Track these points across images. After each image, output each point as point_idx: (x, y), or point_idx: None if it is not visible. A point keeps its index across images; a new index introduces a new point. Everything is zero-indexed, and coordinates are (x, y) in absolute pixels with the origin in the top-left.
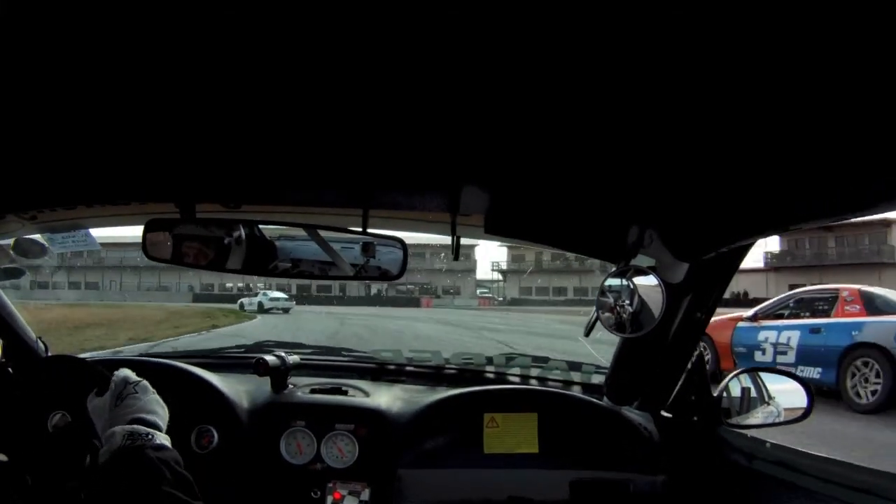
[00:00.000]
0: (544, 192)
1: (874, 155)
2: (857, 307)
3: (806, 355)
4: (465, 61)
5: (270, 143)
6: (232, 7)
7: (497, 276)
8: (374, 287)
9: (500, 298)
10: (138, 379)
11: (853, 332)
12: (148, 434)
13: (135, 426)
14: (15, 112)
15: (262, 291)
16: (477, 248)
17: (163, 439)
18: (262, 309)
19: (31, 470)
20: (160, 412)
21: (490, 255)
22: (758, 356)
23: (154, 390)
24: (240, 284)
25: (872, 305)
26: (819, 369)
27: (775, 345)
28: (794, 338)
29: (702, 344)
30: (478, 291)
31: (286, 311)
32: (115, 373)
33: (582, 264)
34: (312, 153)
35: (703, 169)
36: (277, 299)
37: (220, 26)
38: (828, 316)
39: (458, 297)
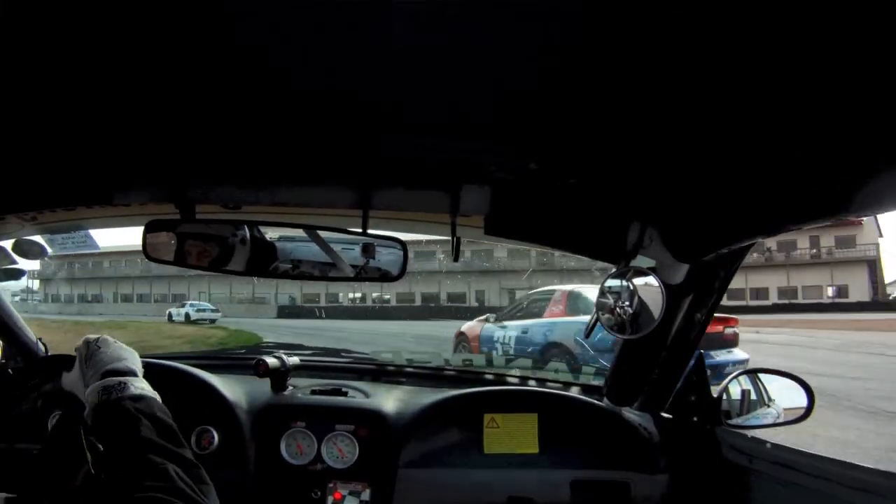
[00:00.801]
0: (544, 192)
1: (871, 155)
2: (560, 308)
3: (519, 355)
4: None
5: (270, 144)
6: (231, 7)
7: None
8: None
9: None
10: (97, 335)
11: (546, 333)
12: (120, 383)
13: (106, 379)
14: (16, 113)
15: (188, 303)
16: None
17: (138, 385)
18: (188, 320)
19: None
20: (129, 357)
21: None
22: (494, 355)
23: (116, 339)
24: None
25: (574, 306)
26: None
27: (503, 344)
28: (512, 338)
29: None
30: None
31: (213, 321)
32: (78, 344)
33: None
34: (312, 154)
35: (703, 170)
36: (204, 310)
37: (219, 27)
38: (539, 317)
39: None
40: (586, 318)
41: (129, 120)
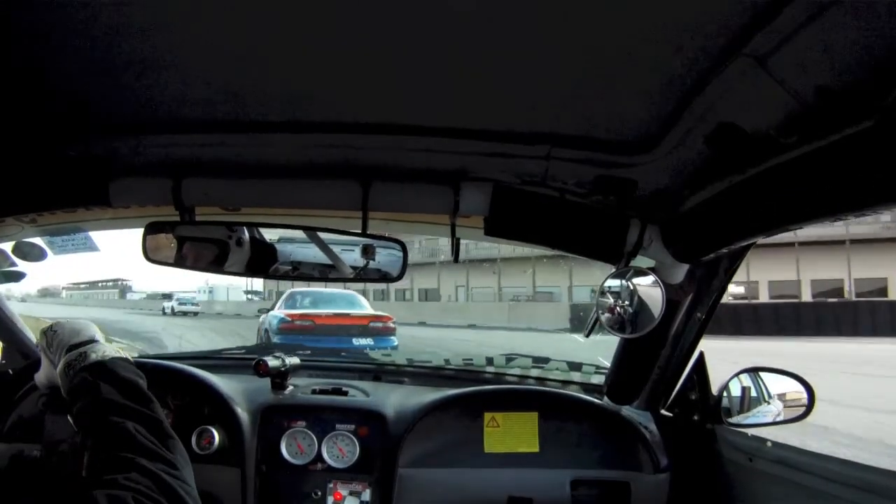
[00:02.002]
0: (544, 192)
1: (871, 154)
2: None
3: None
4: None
5: (269, 146)
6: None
7: None
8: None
9: None
10: (51, 323)
11: None
12: (81, 354)
13: (67, 356)
14: (15, 115)
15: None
16: None
17: (98, 350)
18: (173, 312)
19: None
20: (84, 327)
21: None
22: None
23: (67, 320)
24: None
25: None
26: None
27: None
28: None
29: None
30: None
31: (195, 314)
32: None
33: None
34: (311, 155)
35: (703, 170)
36: (186, 303)
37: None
38: None
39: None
40: None
41: (128, 120)
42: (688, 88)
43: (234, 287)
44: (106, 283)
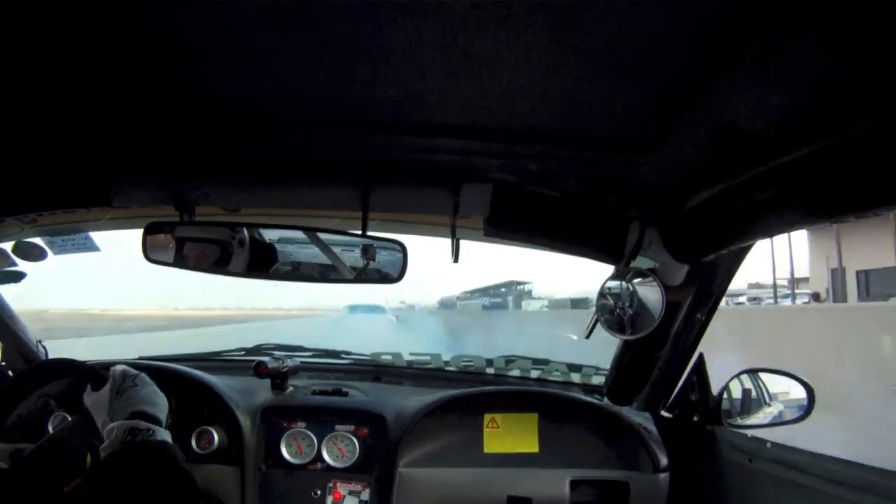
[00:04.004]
0: (544, 193)
1: (872, 155)
2: None
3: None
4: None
5: (269, 146)
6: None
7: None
8: None
9: None
10: (136, 372)
11: None
12: (149, 430)
13: (136, 421)
14: (15, 115)
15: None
16: None
17: (164, 434)
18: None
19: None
20: (160, 403)
21: None
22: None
23: (152, 381)
24: None
25: None
26: None
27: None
28: None
29: None
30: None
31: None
32: (113, 368)
33: None
34: (311, 155)
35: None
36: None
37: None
38: None
39: None
40: None
41: (128, 121)
42: (688, 89)
43: None
44: (498, 287)
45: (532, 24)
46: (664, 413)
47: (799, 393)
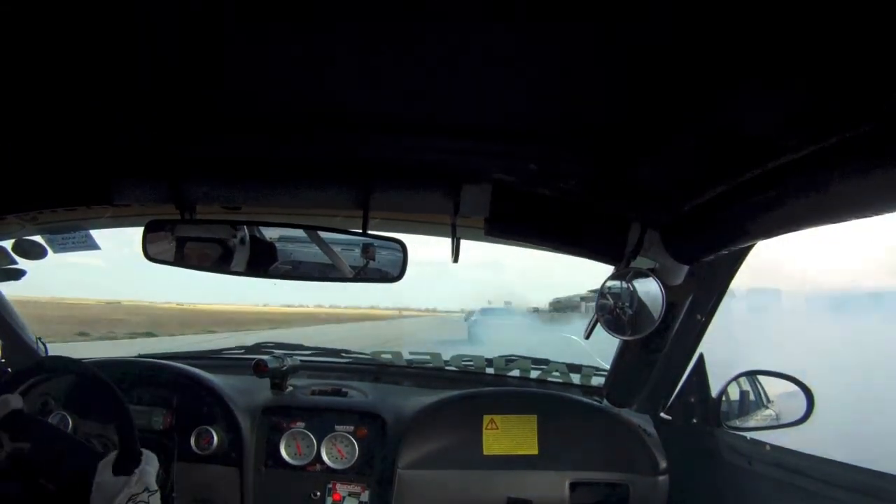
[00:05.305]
0: (544, 193)
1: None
2: None
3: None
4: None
5: (270, 145)
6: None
7: None
8: None
9: None
10: (157, 489)
11: None
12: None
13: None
14: (16, 113)
15: None
16: None
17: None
18: None
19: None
20: (152, 478)
21: None
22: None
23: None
24: None
25: None
26: None
27: None
28: None
29: None
30: None
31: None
32: (146, 467)
33: None
34: (312, 154)
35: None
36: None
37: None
38: None
39: None
40: None
41: (128, 121)
42: (688, 90)
43: None
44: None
45: (532, 25)
46: (663, 415)
47: (797, 396)
